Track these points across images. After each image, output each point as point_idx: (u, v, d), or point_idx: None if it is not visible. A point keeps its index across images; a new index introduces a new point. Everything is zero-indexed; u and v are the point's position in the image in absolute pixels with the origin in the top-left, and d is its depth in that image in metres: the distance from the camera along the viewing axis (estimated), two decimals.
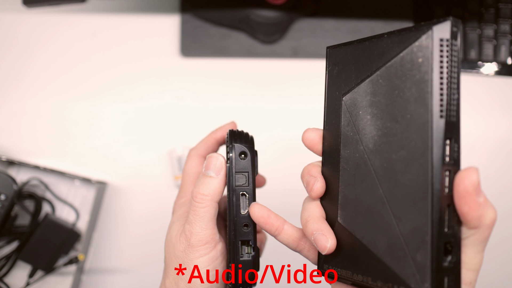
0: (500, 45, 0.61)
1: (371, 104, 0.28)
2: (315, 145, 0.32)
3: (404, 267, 0.25)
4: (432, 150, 0.24)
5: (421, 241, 0.24)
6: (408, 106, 0.26)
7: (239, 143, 0.33)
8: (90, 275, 0.59)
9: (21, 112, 0.60)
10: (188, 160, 0.39)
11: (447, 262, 0.25)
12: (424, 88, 0.25)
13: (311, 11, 0.61)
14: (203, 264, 0.32)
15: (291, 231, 0.32)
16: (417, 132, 0.25)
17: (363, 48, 0.29)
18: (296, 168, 0.60)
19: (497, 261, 0.58)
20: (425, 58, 0.25)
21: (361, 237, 0.28)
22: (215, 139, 0.39)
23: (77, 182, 0.59)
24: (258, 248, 0.33)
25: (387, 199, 0.27)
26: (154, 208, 0.59)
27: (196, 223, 0.32)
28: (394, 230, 0.26)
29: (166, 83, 0.61)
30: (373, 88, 0.28)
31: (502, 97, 0.62)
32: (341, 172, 0.30)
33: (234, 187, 0.33)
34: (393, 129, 0.27)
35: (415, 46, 0.26)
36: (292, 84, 0.62)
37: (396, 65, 0.27)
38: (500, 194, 0.60)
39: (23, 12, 0.62)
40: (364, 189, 0.28)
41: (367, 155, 0.28)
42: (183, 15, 0.61)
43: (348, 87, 0.30)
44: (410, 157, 0.26)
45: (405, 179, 0.26)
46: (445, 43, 0.25)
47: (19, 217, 0.56)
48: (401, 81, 0.26)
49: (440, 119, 0.25)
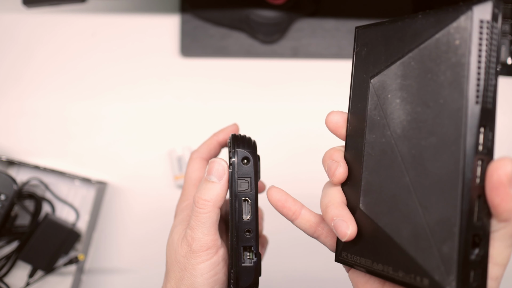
0: (500, 45, 0.61)
1: (401, 87, 0.27)
2: (338, 129, 0.31)
3: (429, 258, 0.24)
4: (465, 137, 0.23)
5: (448, 232, 0.23)
6: (441, 91, 0.24)
7: (241, 148, 0.33)
8: (90, 275, 0.59)
9: (21, 112, 0.60)
10: (190, 163, 0.38)
11: (474, 255, 0.24)
12: (460, 72, 0.24)
13: (311, 11, 0.61)
14: (204, 269, 0.32)
15: (308, 216, 0.32)
16: (450, 118, 0.24)
17: (395, 29, 0.27)
18: (296, 168, 0.60)
19: None
20: (463, 40, 0.24)
21: (383, 225, 0.27)
22: (218, 142, 0.39)
23: (77, 182, 0.59)
24: (260, 254, 0.33)
25: (414, 187, 0.26)
26: (154, 208, 0.59)
27: (197, 228, 0.32)
28: (419, 220, 0.25)
29: (166, 83, 0.61)
30: (404, 70, 0.27)
31: (502, 97, 0.61)
32: (365, 157, 0.29)
33: (237, 192, 0.32)
34: (424, 114, 0.25)
35: (453, 27, 0.24)
36: (292, 84, 0.62)
37: (430, 47, 0.25)
38: None
39: (23, 12, 0.62)
40: (390, 176, 0.27)
41: (394, 140, 0.27)
42: (183, 15, 0.61)
43: (377, 69, 0.29)
44: (441, 144, 0.24)
45: (434, 167, 0.24)
46: (485, 25, 0.23)
47: (19, 217, 0.56)
48: (435, 64, 0.25)
49: (476, 105, 0.23)
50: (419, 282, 0.25)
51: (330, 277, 0.58)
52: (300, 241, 0.58)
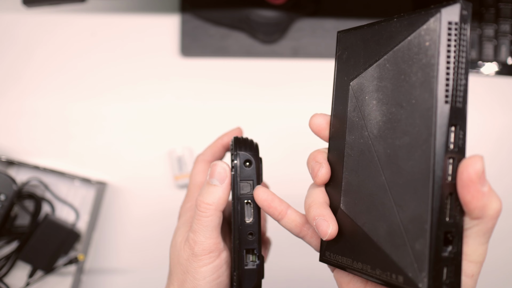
0: (501, 45, 0.61)
1: (377, 89, 0.28)
2: (321, 131, 0.32)
3: (403, 255, 0.25)
4: (435, 136, 0.24)
5: (420, 229, 0.24)
6: (413, 91, 0.25)
7: (243, 151, 0.33)
8: (90, 275, 0.58)
9: (21, 112, 0.60)
10: (195, 165, 0.38)
11: (447, 252, 0.24)
12: (430, 73, 0.24)
13: (311, 11, 0.61)
14: (207, 273, 0.32)
15: (294, 216, 0.32)
16: (421, 117, 0.25)
17: (372, 32, 0.28)
18: (296, 167, 0.60)
19: (498, 260, 0.58)
20: (432, 41, 0.24)
21: (362, 224, 0.28)
22: (222, 145, 0.39)
23: (77, 182, 0.58)
24: (263, 256, 0.33)
25: (389, 186, 0.26)
26: (154, 208, 0.59)
27: (199, 232, 0.32)
28: (394, 218, 0.26)
29: (166, 83, 0.61)
30: (380, 72, 0.27)
31: (502, 97, 0.61)
32: (346, 158, 0.30)
33: (239, 195, 0.32)
34: (397, 114, 0.26)
35: (423, 29, 0.25)
36: (291, 84, 0.62)
37: (403, 49, 0.26)
38: (500, 194, 0.59)
39: (23, 12, 0.62)
40: (367, 175, 0.28)
41: (371, 141, 0.28)
42: (183, 15, 0.61)
43: (356, 72, 0.29)
44: (413, 143, 0.25)
45: (407, 166, 0.25)
46: (453, 27, 0.24)
47: (19, 217, 0.56)
48: (407, 65, 0.26)
49: (445, 104, 0.24)
50: (395, 279, 0.25)
51: (320, 277, 0.58)
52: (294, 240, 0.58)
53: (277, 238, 0.53)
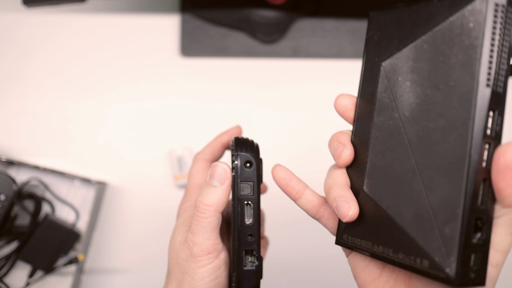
0: None
1: (412, 70, 0.27)
2: (346, 112, 0.31)
3: (430, 239, 0.24)
4: (474, 120, 0.23)
5: (451, 213, 0.23)
6: (452, 73, 0.24)
7: (244, 152, 0.33)
8: (90, 275, 0.58)
9: (21, 112, 0.60)
10: (194, 164, 0.38)
11: (476, 238, 0.23)
12: (472, 55, 0.23)
13: (311, 11, 0.61)
14: (205, 273, 0.32)
15: (311, 197, 0.32)
16: (460, 100, 0.24)
17: (409, 12, 0.27)
18: (296, 167, 0.60)
19: None
20: (477, 23, 0.23)
21: (386, 207, 0.27)
22: (221, 144, 0.39)
23: (77, 182, 0.58)
24: (262, 257, 0.33)
25: (419, 169, 0.25)
26: (154, 208, 0.59)
27: (198, 233, 0.32)
28: (423, 201, 0.25)
29: (166, 83, 0.61)
30: (416, 53, 0.27)
31: None
32: (372, 140, 0.29)
33: (239, 196, 0.32)
34: (433, 96, 0.25)
35: (467, 10, 0.24)
36: (292, 84, 0.62)
37: (444, 30, 0.25)
38: None
39: (23, 12, 0.62)
40: (395, 157, 0.27)
41: (402, 122, 0.27)
42: (183, 15, 0.61)
43: (389, 53, 0.28)
44: (449, 127, 0.24)
45: (441, 149, 0.24)
46: (500, 9, 0.23)
47: (19, 217, 0.56)
48: (447, 46, 0.25)
49: (486, 88, 0.23)
50: (419, 263, 0.24)
51: (327, 269, 0.58)
52: (299, 239, 0.58)
53: (274, 238, 0.53)
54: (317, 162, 0.60)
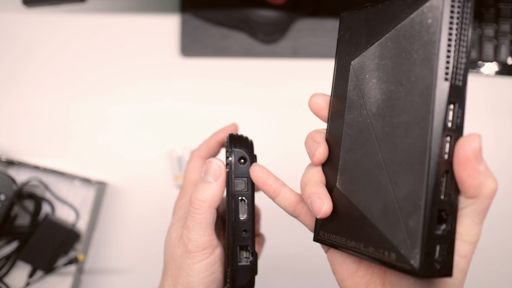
0: (501, 45, 0.61)
1: (378, 67, 0.28)
2: (320, 111, 0.32)
3: (396, 232, 0.25)
4: (433, 113, 0.24)
5: (414, 206, 0.24)
6: (413, 69, 0.25)
7: (238, 148, 0.33)
8: (90, 275, 0.58)
9: (21, 112, 0.60)
10: (190, 161, 0.38)
11: (440, 230, 0.24)
12: (431, 50, 0.24)
13: (311, 11, 0.61)
14: (200, 269, 0.32)
15: (288, 195, 0.32)
16: (421, 95, 0.24)
17: (375, 11, 0.28)
18: (295, 166, 0.60)
19: (497, 260, 0.58)
20: (435, 19, 0.24)
21: (357, 202, 0.28)
22: (217, 141, 0.39)
23: (77, 182, 0.58)
24: (256, 253, 0.33)
25: (385, 163, 0.26)
26: (154, 208, 0.59)
27: (193, 229, 0.32)
28: (389, 195, 0.25)
29: (166, 83, 0.61)
30: (381, 51, 0.27)
31: (502, 97, 0.61)
32: (343, 137, 0.30)
33: (233, 192, 0.33)
34: (397, 92, 0.26)
35: (426, 7, 0.25)
36: (292, 84, 0.62)
37: (405, 27, 0.26)
38: (500, 194, 0.59)
39: (23, 12, 0.62)
40: (364, 154, 0.28)
41: (369, 119, 0.28)
42: (183, 15, 0.61)
43: (358, 52, 0.29)
44: (411, 121, 0.25)
45: (404, 144, 0.25)
46: (456, 4, 0.24)
47: (19, 217, 0.56)
48: (409, 43, 0.26)
49: (445, 82, 0.24)
50: (387, 257, 0.25)
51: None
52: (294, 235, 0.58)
53: (272, 235, 0.53)
54: None
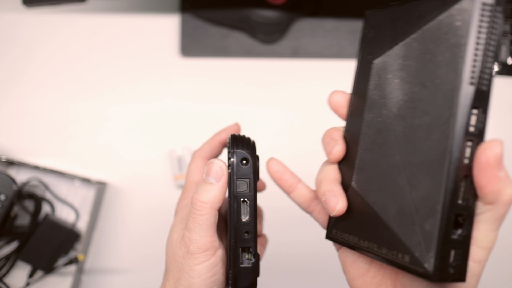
0: (501, 45, 0.61)
1: (401, 67, 0.27)
2: (339, 108, 0.32)
3: (411, 235, 0.24)
4: (456, 117, 0.23)
5: (431, 209, 0.24)
6: (438, 71, 0.25)
7: (240, 149, 0.33)
8: (90, 275, 0.58)
9: (21, 112, 0.60)
10: (192, 161, 0.38)
11: (456, 234, 0.24)
12: (457, 53, 0.24)
13: (311, 11, 0.61)
14: (202, 271, 0.32)
15: (304, 191, 0.33)
16: (444, 98, 0.24)
17: (402, 11, 0.28)
18: (296, 167, 0.60)
19: (496, 262, 0.58)
20: (464, 21, 0.24)
21: (372, 202, 0.28)
22: (219, 141, 0.39)
23: (77, 182, 0.58)
24: (259, 254, 0.33)
25: (404, 165, 0.26)
26: (154, 208, 0.59)
27: (195, 230, 0.32)
28: (406, 197, 0.25)
29: (166, 83, 0.61)
30: (406, 51, 0.27)
31: (502, 97, 0.61)
32: (362, 136, 0.29)
33: (235, 193, 0.32)
34: (420, 94, 0.26)
35: (455, 9, 0.24)
36: (292, 84, 0.62)
37: (433, 28, 0.26)
38: None
39: (23, 12, 0.62)
40: (382, 154, 0.27)
41: (390, 119, 0.27)
42: (183, 15, 0.61)
43: (381, 51, 0.29)
44: (433, 124, 0.24)
45: (424, 146, 0.25)
46: (487, 8, 0.24)
47: (19, 217, 0.56)
48: (435, 45, 0.25)
49: (470, 85, 0.23)
50: (400, 258, 0.25)
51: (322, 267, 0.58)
52: (298, 236, 0.58)
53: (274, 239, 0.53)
54: (317, 162, 0.60)
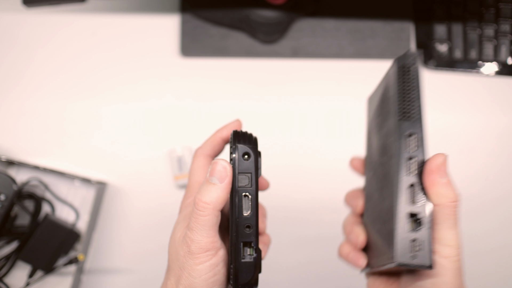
0: (501, 45, 0.61)
1: (376, 128, 0.37)
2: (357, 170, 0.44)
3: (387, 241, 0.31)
4: (398, 149, 0.32)
5: (390, 216, 0.31)
6: (389, 118, 0.34)
7: (242, 144, 0.33)
8: (90, 275, 0.59)
9: (21, 112, 0.60)
10: (195, 159, 0.38)
11: (415, 230, 0.30)
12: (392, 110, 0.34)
13: (311, 11, 0.61)
14: (203, 271, 0.32)
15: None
16: (392, 135, 0.33)
17: (380, 83, 0.38)
18: (295, 167, 0.60)
19: (497, 264, 0.58)
20: (390, 82, 0.35)
21: (371, 228, 0.35)
22: (221, 138, 0.39)
23: (77, 182, 0.58)
24: (260, 250, 0.33)
25: (384, 196, 0.34)
26: (154, 208, 0.59)
27: (196, 231, 0.32)
28: (383, 217, 0.33)
29: (166, 83, 0.61)
30: (377, 119, 0.37)
31: (502, 97, 0.61)
32: (366, 182, 0.41)
33: (237, 188, 0.32)
34: (384, 141, 0.35)
35: (388, 75, 0.35)
36: (292, 84, 0.62)
37: (383, 91, 0.36)
38: (501, 195, 0.59)
39: (23, 12, 0.62)
40: (372, 190, 0.37)
41: (375, 165, 0.37)
42: (183, 15, 0.61)
43: (369, 119, 0.41)
44: (389, 160, 0.33)
45: (392, 179, 0.32)
46: (405, 69, 0.33)
47: (19, 217, 0.56)
48: (385, 105, 0.35)
49: (401, 121, 0.32)
50: (385, 261, 0.31)
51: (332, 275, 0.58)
52: (301, 240, 0.58)
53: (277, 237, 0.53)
54: (318, 162, 0.60)
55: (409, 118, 0.32)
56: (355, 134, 0.58)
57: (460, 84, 0.61)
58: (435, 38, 0.61)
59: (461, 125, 0.60)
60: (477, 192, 0.59)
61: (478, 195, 0.59)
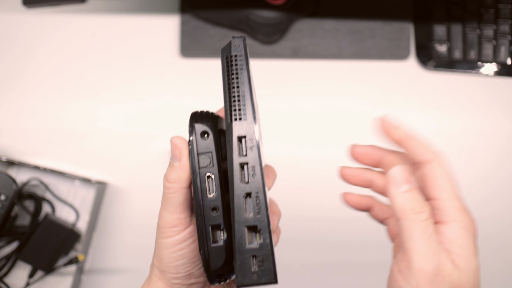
0: (500, 45, 0.61)
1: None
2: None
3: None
4: (232, 157, 0.29)
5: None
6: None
7: (199, 123, 0.32)
8: (90, 275, 0.59)
9: (21, 112, 0.60)
10: None
11: (253, 244, 0.29)
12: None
13: (311, 12, 0.61)
14: (168, 244, 0.33)
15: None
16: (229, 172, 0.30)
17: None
18: (293, 166, 0.60)
19: (497, 265, 0.58)
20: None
21: None
22: None
23: (77, 182, 0.59)
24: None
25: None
26: (153, 208, 0.59)
27: (164, 207, 0.34)
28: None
29: (165, 83, 0.61)
30: None
31: (502, 98, 0.62)
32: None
33: (197, 169, 0.31)
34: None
35: None
36: (291, 84, 0.62)
37: None
38: (500, 194, 0.60)
39: (22, 12, 0.62)
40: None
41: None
42: (183, 15, 0.61)
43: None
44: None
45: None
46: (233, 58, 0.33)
47: (19, 217, 0.56)
48: None
49: (233, 122, 0.30)
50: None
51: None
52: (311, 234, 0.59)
53: None
54: (317, 163, 0.60)
55: (238, 118, 0.30)
56: (355, 134, 0.58)
57: (460, 84, 0.62)
58: (434, 39, 0.61)
59: (461, 126, 0.61)
60: (476, 192, 0.59)
61: (478, 195, 0.59)
